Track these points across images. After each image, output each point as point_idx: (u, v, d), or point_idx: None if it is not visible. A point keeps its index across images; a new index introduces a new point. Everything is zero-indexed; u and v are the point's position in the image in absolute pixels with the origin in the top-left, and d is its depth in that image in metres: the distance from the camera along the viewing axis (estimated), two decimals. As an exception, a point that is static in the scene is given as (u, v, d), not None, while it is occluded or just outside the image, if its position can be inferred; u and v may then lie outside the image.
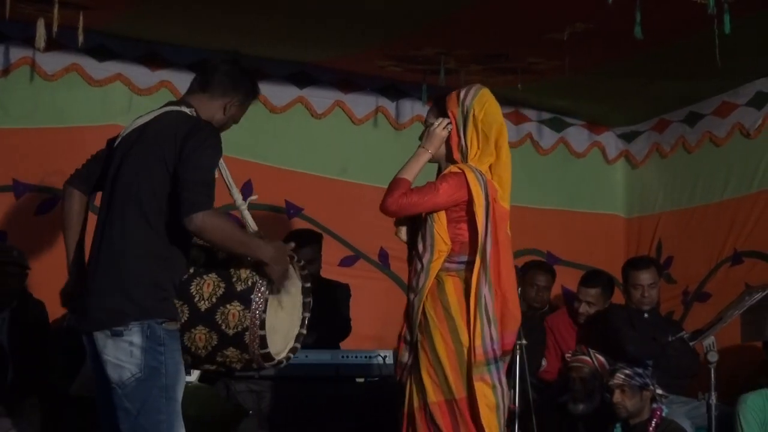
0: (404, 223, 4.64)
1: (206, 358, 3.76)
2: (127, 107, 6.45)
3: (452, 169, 4.50)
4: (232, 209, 4.05)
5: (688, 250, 7.24)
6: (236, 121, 3.96)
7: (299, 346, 3.95)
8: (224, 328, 3.68)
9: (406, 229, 4.63)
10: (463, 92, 4.58)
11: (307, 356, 5.54)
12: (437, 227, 4.46)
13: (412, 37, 6.02)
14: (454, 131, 4.55)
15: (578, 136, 7.77)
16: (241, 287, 3.69)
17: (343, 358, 5.79)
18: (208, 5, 5.60)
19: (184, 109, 3.82)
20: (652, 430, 5.35)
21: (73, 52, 6.25)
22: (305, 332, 3.97)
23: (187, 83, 3.98)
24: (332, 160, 7.11)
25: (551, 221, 7.62)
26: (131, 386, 3.61)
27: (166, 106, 3.88)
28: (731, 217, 7.01)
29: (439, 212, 4.47)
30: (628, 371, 5.42)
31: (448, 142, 4.57)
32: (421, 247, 4.48)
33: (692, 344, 5.75)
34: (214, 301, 3.70)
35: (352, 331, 6.43)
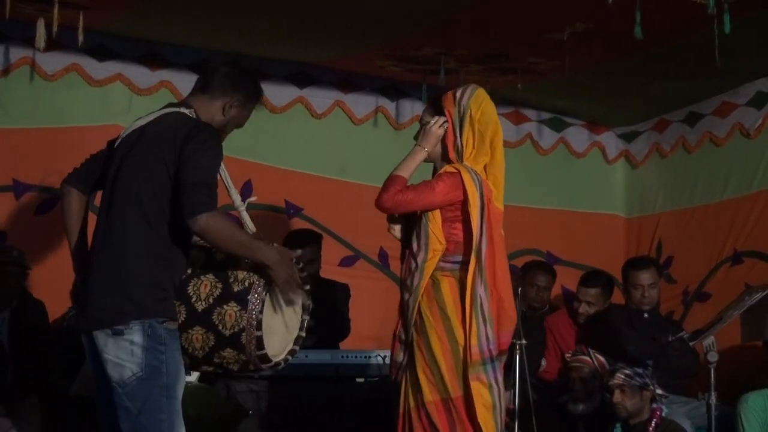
0: (398, 221, 4.64)
1: (204, 359, 3.75)
2: (127, 107, 6.45)
3: (448, 168, 4.51)
4: (230, 210, 4.05)
5: (688, 250, 7.23)
6: (239, 124, 3.93)
7: (298, 348, 3.94)
8: (221, 328, 3.67)
9: (400, 227, 4.64)
10: (459, 92, 4.59)
11: (306, 356, 5.54)
12: (432, 226, 4.47)
13: (412, 37, 6.01)
14: (450, 131, 4.56)
15: (578, 136, 7.76)
16: (238, 288, 3.69)
17: (342, 358, 5.79)
18: (208, 5, 5.60)
19: (183, 110, 3.82)
20: (652, 430, 5.35)
21: (73, 52, 6.24)
22: (304, 335, 3.96)
23: (187, 83, 3.98)
24: (332, 160, 7.10)
25: (551, 221, 7.62)
26: (132, 385, 3.61)
27: (166, 107, 3.88)
28: (731, 217, 7.00)
29: (434, 211, 4.47)
30: (628, 371, 5.41)
31: (443, 141, 4.58)
32: (415, 245, 4.49)
33: (692, 344, 5.74)
34: (211, 301, 3.69)
35: (351, 331, 6.43)
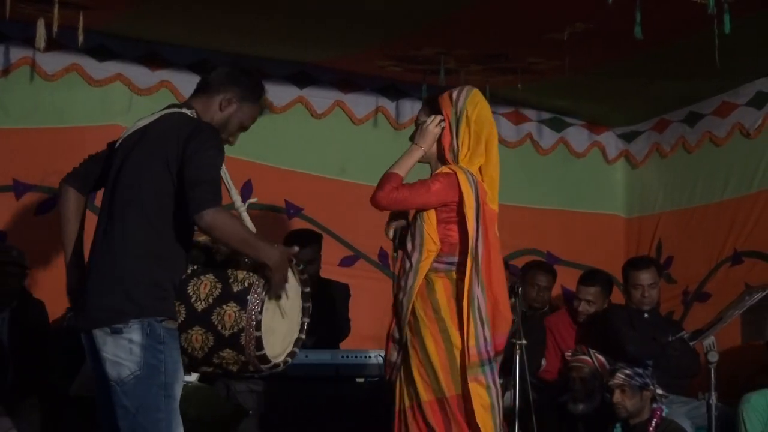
0: (399, 217, 4.62)
1: (203, 359, 3.75)
2: (127, 107, 6.44)
3: (444, 169, 4.51)
4: (231, 210, 4.04)
5: (688, 250, 7.23)
6: (243, 124, 3.91)
7: (298, 350, 3.94)
8: (220, 328, 3.67)
9: (393, 228, 4.62)
10: (455, 93, 4.59)
11: (306, 356, 5.54)
12: (427, 227, 4.46)
13: (412, 37, 6.01)
14: (446, 131, 4.56)
15: (578, 136, 7.76)
16: (237, 288, 3.69)
17: (342, 358, 5.79)
18: (208, 5, 5.60)
19: (185, 110, 3.82)
20: (652, 430, 5.35)
21: (73, 52, 6.24)
22: (304, 337, 3.96)
23: (187, 83, 3.98)
24: (332, 160, 7.10)
25: (551, 221, 7.62)
26: (130, 384, 3.61)
27: (167, 108, 3.89)
28: (731, 217, 7.00)
29: (428, 212, 4.47)
30: (628, 371, 5.41)
31: (440, 142, 4.58)
32: (410, 246, 4.49)
33: (692, 344, 5.74)
34: (210, 301, 3.69)
35: (351, 331, 6.43)
